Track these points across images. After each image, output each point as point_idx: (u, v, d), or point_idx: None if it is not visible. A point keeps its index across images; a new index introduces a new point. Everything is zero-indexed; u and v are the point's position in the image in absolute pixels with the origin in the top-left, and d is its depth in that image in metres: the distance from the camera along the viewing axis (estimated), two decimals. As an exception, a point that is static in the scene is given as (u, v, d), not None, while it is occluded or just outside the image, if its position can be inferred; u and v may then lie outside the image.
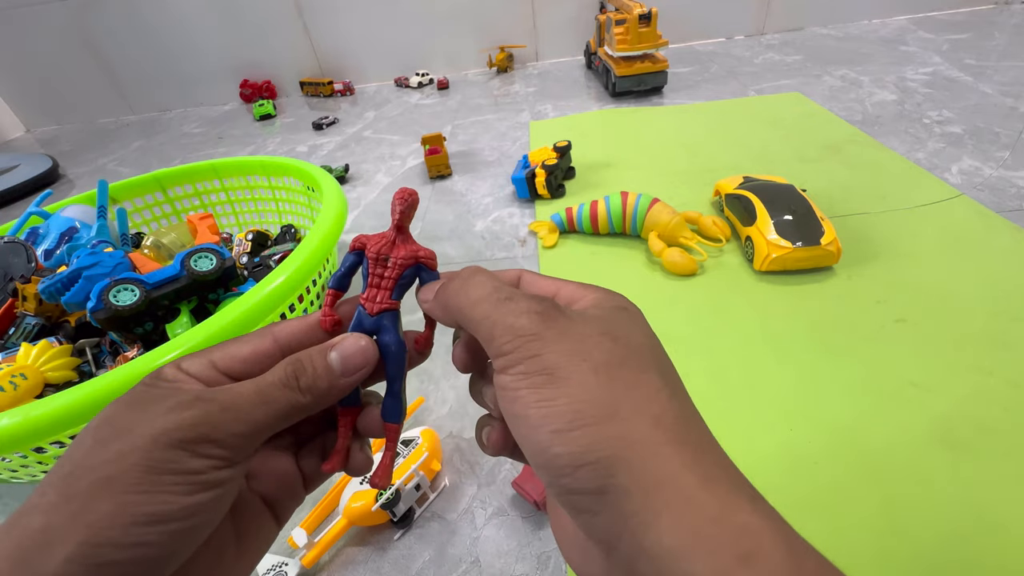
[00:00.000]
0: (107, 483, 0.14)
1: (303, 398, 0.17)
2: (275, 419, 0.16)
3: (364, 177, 0.95)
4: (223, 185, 0.73)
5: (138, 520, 0.13)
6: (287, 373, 0.17)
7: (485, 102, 1.24)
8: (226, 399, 0.16)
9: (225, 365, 0.18)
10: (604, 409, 0.14)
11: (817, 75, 1.08)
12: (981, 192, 0.63)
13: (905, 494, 0.34)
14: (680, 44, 1.43)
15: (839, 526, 0.33)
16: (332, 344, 0.18)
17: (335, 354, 0.17)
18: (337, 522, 0.36)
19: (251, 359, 0.18)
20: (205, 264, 0.46)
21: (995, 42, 1.12)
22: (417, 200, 0.19)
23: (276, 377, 0.17)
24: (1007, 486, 0.34)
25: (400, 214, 0.19)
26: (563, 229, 0.66)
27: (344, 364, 0.17)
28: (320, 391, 0.17)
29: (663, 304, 0.53)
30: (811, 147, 0.78)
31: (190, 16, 1.47)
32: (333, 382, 0.17)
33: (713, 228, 0.59)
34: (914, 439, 0.37)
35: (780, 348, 0.46)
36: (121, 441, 0.14)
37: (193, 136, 1.37)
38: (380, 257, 0.19)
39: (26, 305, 0.50)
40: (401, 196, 0.19)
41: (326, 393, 0.17)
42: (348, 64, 1.53)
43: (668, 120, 0.96)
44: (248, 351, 0.18)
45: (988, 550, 0.31)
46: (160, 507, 0.14)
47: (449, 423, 0.45)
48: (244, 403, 0.16)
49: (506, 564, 0.34)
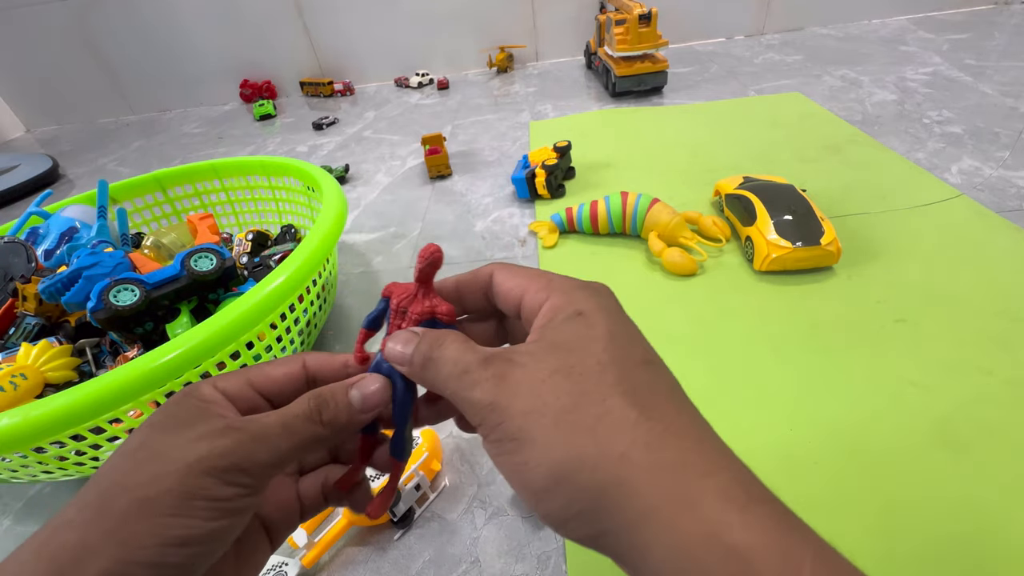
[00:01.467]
0: (142, 504, 0.14)
1: (324, 431, 0.18)
2: (298, 450, 0.17)
3: (364, 177, 0.95)
4: (223, 185, 0.73)
5: (169, 541, 0.14)
6: (311, 407, 0.18)
7: (485, 102, 1.24)
8: (255, 429, 0.17)
9: (260, 384, 0.19)
10: (573, 463, 0.14)
11: (817, 75, 1.08)
12: (981, 192, 0.63)
13: (905, 494, 0.34)
14: (680, 44, 1.43)
15: (839, 526, 0.33)
16: (353, 382, 0.19)
17: (356, 392, 0.18)
18: (337, 522, 0.36)
19: (283, 381, 0.19)
20: (205, 264, 0.46)
21: (995, 42, 1.12)
22: (440, 258, 0.19)
23: (300, 410, 0.18)
24: (1007, 486, 0.34)
25: (419, 271, 0.19)
26: (563, 229, 0.66)
27: (364, 402, 0.18)
28: (340, 425, 0.18)
29: (663, 304, 0.53)
30: (811, 147, 0.78)
31: (190, 16, 1.47)
32: (352, 417, 0.18)
33: (713, 228, 0.59)
34: (914, 439, 0.37)
35: (780, 348, 0.46)
36: (156, 464, 0.15)
37: (193, 136, 1.37)
38: (400, 308, 0.20)
39: (26, 305, 0.50)
40: (423, 253, 0.19)
41: (345, 427, 0.18)
42: (348, 64, 1.53)
43: (668, 120, 0.96)
44: (281, 373, 0.19)
45: (988, 550, 0.31)
46: (189, 531, 0.15)
47: (449, 423, 0.44)
48: (271, 434, 0.17)
49: (506, 564, 0.34)
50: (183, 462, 0.15)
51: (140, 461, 0.16)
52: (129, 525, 0.14)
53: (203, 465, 0.15)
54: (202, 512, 0.15)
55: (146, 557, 0.14)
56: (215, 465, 0.15)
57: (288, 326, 0.44)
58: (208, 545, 0.15)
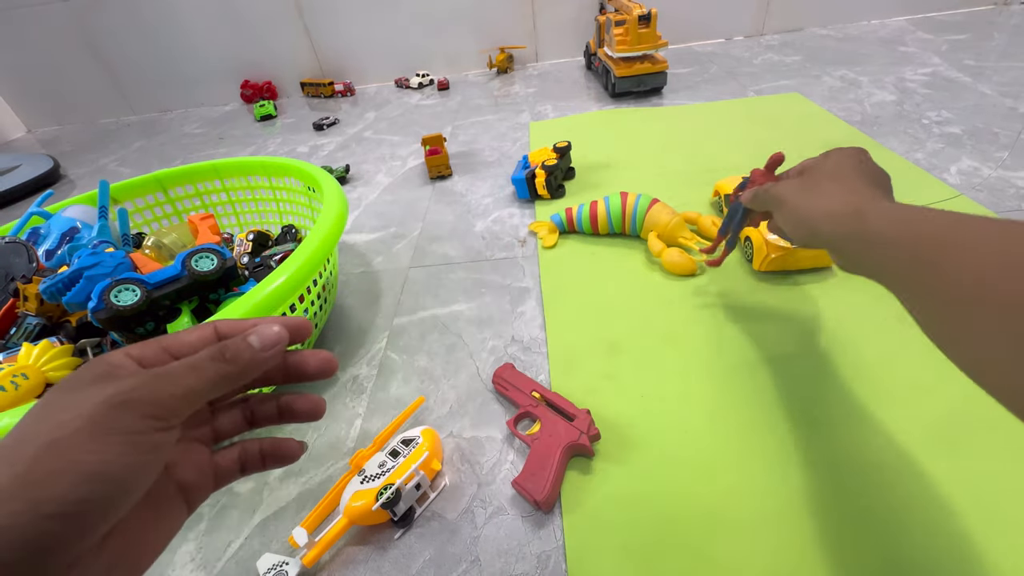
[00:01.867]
0: (52, 445, 0.15)
1: (229, 367, 0.19)
2: (206, 384, 0.19)
3: (365, 177, 0.95)
4: (224, 185, 0.73)
5: (82, 477, 0.15)
6: (215, 349, 0.20)
7: (485, 103, 1.24)
8: (161, 370, 0.18)
9: (176, 350, 0.20)
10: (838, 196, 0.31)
11: (816, 76, 1.08)
12: (980, 192, 0.63)
13: (905, 494, 0.34)
14: (679, 45, 1.43)
15: (839, 526, 0.33)
16: (253, 330, 0.21)
17: (255, 335, 0.21)
18: (338, 521, 0.36)
19: (197, 343, 0.21)
20: (206, 264, 0.46)
21: (994, 43, 1.12)
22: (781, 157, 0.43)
23: (205, 352, 0.19)
24: (1007, 486, 0.34)
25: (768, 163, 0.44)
26: (563, 229, 0.67)
27: (263, 342, 0.20)
28: (244, 361, 0.20)
29: (663, 304, 0.53)
30: (810, 147, 0.78)
31: (191, 16, 1.47)
32: (255, 356, 0.20)
33: (712, 228, 0.60)
34: (914, 439, 0.37)
35: (780, 348, 0.46)
36: (65, 413, 0.16)
37: (194, 136, 1.38)
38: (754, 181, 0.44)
39: (27, 305, 0.51)
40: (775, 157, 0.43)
41: (250, 363, 0.20)
42: (349, 65, 1.53)
43: (668, 121, 0.96)
44: (194, 337, 0.21)
45: (988, 550, 0.31)
46: (104, 465, 0.15)
47: (449, 423, 0.45)
48: (177, 372, 0.18)
49: (506, 564, 0.34)
50: (91, 403, 0.16)
51: (48, 414, 0.16)
52: (40, 465, 0.15)
53: (114, 400, 0.16)
54: (116, 445, 0.16)
55: (58, 494, 0.14)
56: (126, 399, 0.16)
57: (289, 326, 0.44)
58: (123, 483, 0.16)
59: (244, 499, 0.41)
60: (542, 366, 0.48)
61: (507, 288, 0.60)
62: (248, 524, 0.39)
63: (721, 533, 0.34)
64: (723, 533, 0.34)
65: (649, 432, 0.41)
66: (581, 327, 0.52)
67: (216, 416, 0.23)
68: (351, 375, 0.51)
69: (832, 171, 0.33)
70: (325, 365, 0.23)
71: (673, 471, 0.38)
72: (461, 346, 0.52)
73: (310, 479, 0.42)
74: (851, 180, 0.31)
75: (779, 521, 0.34)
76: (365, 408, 0.47)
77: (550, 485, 0.36)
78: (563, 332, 0.51)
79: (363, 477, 0.38)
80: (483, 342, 0.52)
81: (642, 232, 0.61)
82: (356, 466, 0.39)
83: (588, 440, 0.39)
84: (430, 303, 0.59)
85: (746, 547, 0.33)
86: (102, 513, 0.15)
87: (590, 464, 0.39)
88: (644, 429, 0.41)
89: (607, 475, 0.38)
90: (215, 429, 0.23)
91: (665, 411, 0.42)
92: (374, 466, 0.38)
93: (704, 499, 0.36)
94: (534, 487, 0.36)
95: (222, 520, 0.40)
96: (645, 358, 0.47)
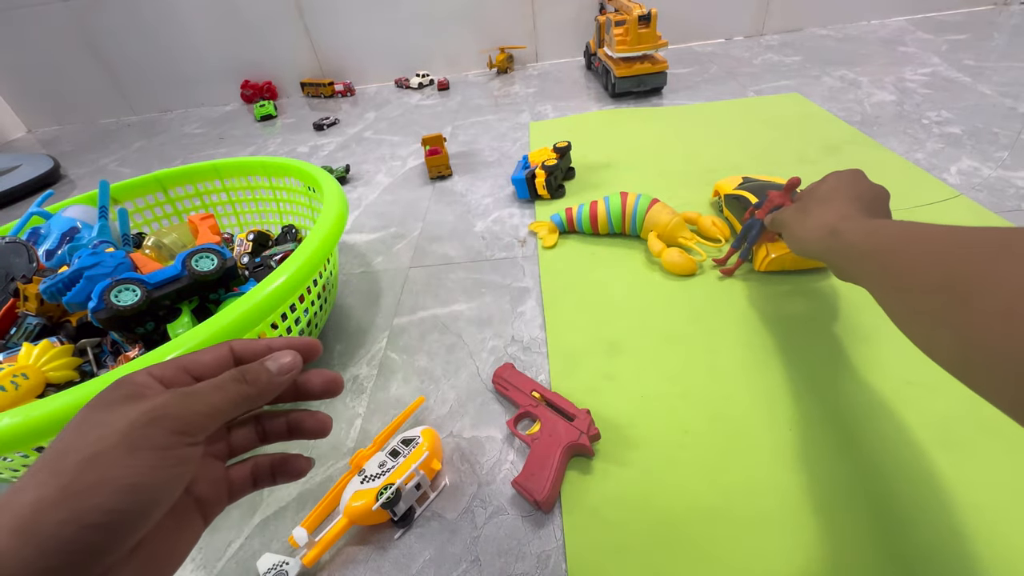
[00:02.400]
0: (92, 460, 0.16)
1: (249, 388, 0.21)
2: (229, 404, 0.20)
3: (365, 178, 0.95)
4: (224, 185, 0.73)
5: (119, 489, 0.16)
6: (236, 372, 0.21)
7: (485, 103, 1.24)
8: (188, 390, 0.20)
9: (192, 368, 0.22)
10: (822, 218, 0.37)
11: (816, 76, 1.08)
12: (980, 192, 0.63)
13: (905, 494, 0.34)
14: (679, 45, 1.43)
15: (839, 526, 0.33)
16: (270, 356, 0.23)
17: (272, 361, 0.22)
18: (338, 521, 0.36)
19: (213, 364, 0.22)
20: (206, 264, 0.46)
21: (994, 43, 1.13)
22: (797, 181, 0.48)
23: (228, 375, 0.21)
24: (1007, 486, 0.34)
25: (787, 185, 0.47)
26: (563, 229, 0.67)
27: (279, 368, 0.22)
28: (262, 384, 0.22)
29: (663, 304, 0.53)
30: (810, 148, 0.79)
31: (191, 16, 1.47)
32: (272, 379, 0.22)
33: (712, 228, 0.60)
34: (916, 437, 0.37)
35: (779, 348, 0.46)
36: (100, 429, 0.17)
37: (194, 136, 1.38)
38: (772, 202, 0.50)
39: (27, 305, 0.51)
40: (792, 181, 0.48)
41: (267, 386, 0.22)
42: (349, 65, 1.53)
43: (668, 121, 0.96)
44: (210, 357, 0.22)
45: (988, 550, 0.31)
46: (139, 478, 0.17)
47: (449, 423, 0.45)
48: (203, 391, 0.20)
49: (506, 563, 0.34)
50: (125, 422, 0.17)
51: (84, 431, 0.17)
52: (82, 478, 0.16)
53: (145, 418, 0.18)
54: (148, 460, 0.17)
55: (100, 503, 0.16)
56: (156, 417, 0.18)
57: (289, 326, 0.45)
58: (154, 495, 0.17)
59: (244, 499, 0.41)
60: (542, 366, 0.48)
61: (507, 288, 0.60)
62: (248, 524, 0.39)
63: (721, 533, 0.34)
64: (723, 533, 0.34)
65: (649, 432, 0.41)
66: (581, 327, 0.52)
67: (231, 432, 0.24)
68: (351, 375, 0.51)
69: (823, 195, 0.40)
70: (331, 385, 0.24)
71: (673, 471, 0.38)
72: (461, 346, 0.52)
73: (310, 479, 0.42)
74: (837, 202, 0.38)
75: (780, 520, 0.34)
76: (365, 408, 0.47)
77: (550, 485, 0.36)
78: (563, 332, 0.51)
79: (363, 477, 0.38)
80: (483, 342, 0.52)
81: (642, 232, 0.61)
82: (356, 466, 0.39)
83: (588, 440, 0.39)
84: (430, 303, 0.59)
85: (746, 547, 0.33)
86: (134, 524, 0.17)
87: (590, 464, 0.39)
88: (644, 429, 0.41)
89: (607, 475, 0.38)
90: (230, 445, 0.24)
91: (665, 411, 0.42)
92: (374, 466, 0.38)
93: (704, 499, 0.36)
94: (534, 487, 0.36)
95: (222, 520, 0.40)
96: (645, 358, 0.47)
